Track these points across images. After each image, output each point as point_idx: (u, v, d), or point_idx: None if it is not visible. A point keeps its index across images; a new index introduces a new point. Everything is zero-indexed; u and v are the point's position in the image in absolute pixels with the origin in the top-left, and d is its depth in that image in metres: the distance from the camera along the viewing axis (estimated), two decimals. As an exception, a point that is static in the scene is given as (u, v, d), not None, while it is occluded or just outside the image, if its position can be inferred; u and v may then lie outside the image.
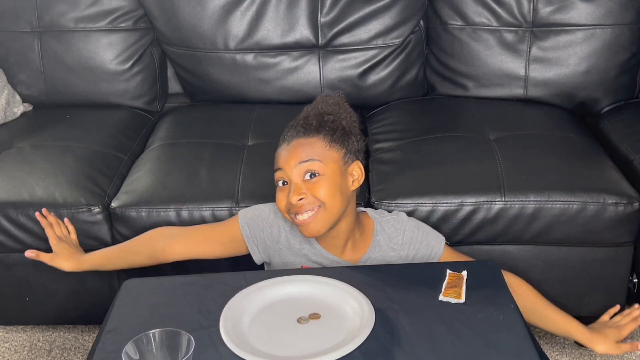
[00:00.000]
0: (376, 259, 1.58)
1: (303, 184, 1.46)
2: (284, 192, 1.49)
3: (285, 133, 1.54)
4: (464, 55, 2.31)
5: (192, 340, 1.17)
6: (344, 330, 1.27)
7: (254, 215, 1.62)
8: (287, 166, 1.48)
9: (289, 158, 1.48)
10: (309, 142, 1.49)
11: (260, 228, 1.60)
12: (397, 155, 2.02)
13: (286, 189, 1.49)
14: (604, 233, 1.84)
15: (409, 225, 1.62)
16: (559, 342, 2.10)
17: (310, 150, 1.48)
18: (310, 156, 1.47)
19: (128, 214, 1.87)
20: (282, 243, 1.59)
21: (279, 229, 1.59)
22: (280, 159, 1.50)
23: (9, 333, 2.21)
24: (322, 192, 1.46)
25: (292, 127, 1.54)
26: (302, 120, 1.53)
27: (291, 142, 1.50)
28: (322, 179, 1.47)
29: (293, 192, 1.46)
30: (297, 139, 1.50)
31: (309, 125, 1.51)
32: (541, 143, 2.04)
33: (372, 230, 1.60)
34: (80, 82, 2.38)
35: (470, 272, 1.39)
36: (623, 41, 2.24)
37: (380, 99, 2.38)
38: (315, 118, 1.52)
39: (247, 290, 1.37)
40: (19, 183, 1.93)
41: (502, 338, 1.24)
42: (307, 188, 1.46)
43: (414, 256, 1.60)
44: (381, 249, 1.58)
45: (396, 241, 1.59)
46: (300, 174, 1.47)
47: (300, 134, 1.50)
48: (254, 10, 2.29)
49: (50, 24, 2.35)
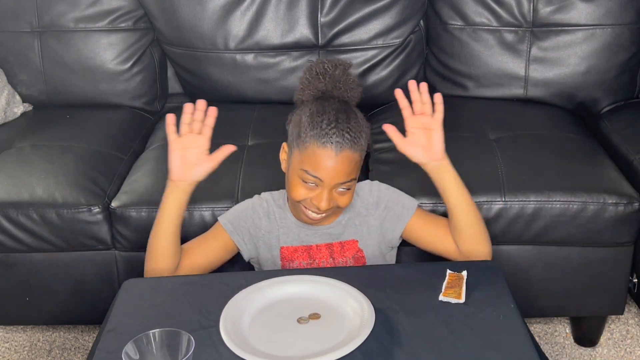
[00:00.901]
0: (350, 219, 1.59)
1: (335, 195, 1.47)
2: (308, 191, 1.47)
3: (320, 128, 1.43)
4: (464, 55, 2.31)
5: (192, 340, 1.17)
6: (344, 330, 1.27)
7: (233, 212, 1.63)
8: (327, 179, 1.44)
9: (334, 173, 1.44)
10: (354, 158, 1.45)
11: (243, 220, 1.60)
12: (397, 155, 2.01)
13: (312, 189, 1.47)
14: (604, 233, 1.84)
15: (381, 187, 1.64)
16: (559, 342, 2.10)
17: (353, 168, 1.46)
18: (351, 176, 1.46)
19: (128, 214, 1.87)
20: (263, 227, 1.60)
21: (258, 215, 1.60)
22: (322, 167, 1.43)
23: (9, 333, 2.21)
24: (346, 202, 1.49)
25: (331, 123, 1.43)
26: (345, 121, 1.44)
27: (340, 153, 1.43)
28: (349, 192, 1.49)
29: (323, 202, 1.45)
30: (345, 150, 1.43)
31: (355, 135, 1.44)
32: (541, 143, 2.04)
33: None
34: (80, 82, 2.38)
35: (470, 272, 1.39)
36: (623, 41, 2.24)
37: (380, 99, 2.38)
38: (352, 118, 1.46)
39: (247, 290, 1.37)
40: (19, 183, 1.93)
41: (502, 338, 1.24)
42: (336, 198, 1.48)
43: (386, 216, 1.59)
44: (354, 210, 1.60)
45: (368, 202, 1.60)
46: (335, 188, 1.47)
47: (347, 144, 1.43)
48: (254, 10, 2.29)
49: (50, 24, 2.35)
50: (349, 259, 1.60)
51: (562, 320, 2.18)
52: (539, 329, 2.15)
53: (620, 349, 2.07)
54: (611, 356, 2.05)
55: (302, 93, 1.56)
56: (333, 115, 1.45)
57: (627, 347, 2.08)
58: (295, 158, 1.48)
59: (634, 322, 2.16)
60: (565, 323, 2.17)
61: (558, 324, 2.17)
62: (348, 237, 1.60)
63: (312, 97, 1.53)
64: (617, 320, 2.16)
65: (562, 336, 2.12)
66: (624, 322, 2.16)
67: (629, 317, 2.18)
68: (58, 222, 1.88)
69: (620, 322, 2.16)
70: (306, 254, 1.60)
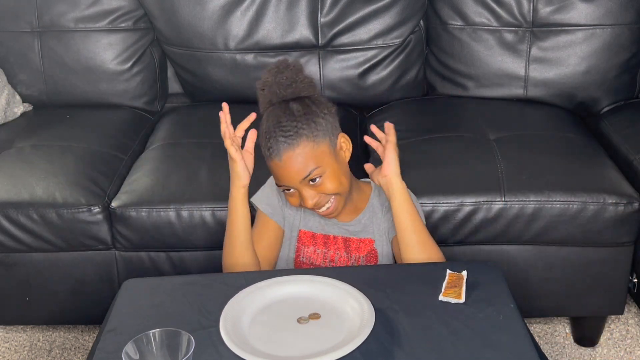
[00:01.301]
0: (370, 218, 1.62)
1: (311, 189, 1.49)
2: (294, 197, 1.52)
3: (265, 144, 1.49)
4: (464, 55, 2.31)
5: (192, 340, 1.17)
6: (344, 330, 1.27)
7: (264, 192, 1.65)
8: (291, 183, 1.49)
9: (289, 178, 1.49)
10: (298, 153, 1.47)
11: (275, 197, 1.63)
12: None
13: (295, 193, 1.51)
14: (604, 233, 1.84)
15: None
16: (559, 342, 2.10)
17: (305, 162, 1.47)
18: (308, 168, 1.47)
19: (128, 213, 1.87)
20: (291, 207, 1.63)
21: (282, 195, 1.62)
22: (281, 178, 1.50)
23: (9, 333, 2.21)
24: (330, 187, 1.50)
25: (269, 135, 1.48)
26: (274, 125, 1.48)
27: (282, 157, 1.47)
28: (325, 178, 1.49)
29: (306, 202, 1.50)
30: (286, 152, 1.46)
31: (285, 130, 1.47)
32: (541, 143, 2.04)
33: (369, 195, 1.64)
34: (80, 82, 2.38)
35: (470, 272, 1.39)
36: (623, 41, 2.24)
37: (380, 99, 2.38)
38: (285, 116, 1.48)
39: (247, 290, 1.37)
40: (19, 183, 1.93)
41: (502, 338, 1.24)
42: (316, 190, 1.49)
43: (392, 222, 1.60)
44: (373, 211, 1.63)
45: (385, 205, 1.62)
46: (306, 184, 1.49)
47: (285, 145, 1.46)
48: (254, 10, 2.29)
49: (50, 24, 2.35)
50: (362, 256, 1.62)
51: (562, 320, 2.18)
52: (539, 329, 2.15)
53: (620, 349, 2.07)
54: (611, 356, 2.05)
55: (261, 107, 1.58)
56: (266, 127, 1.50)
57: (627, 347, 2.08)
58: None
59: (634, 322, 2.16)
60: (565, 323, 2.17)
61: (558, 324, 2.17)
62: (365, 236, 1.62)
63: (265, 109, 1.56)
64: (617, 320, 2.16)
65: (562, 336, 2.12)
66: (624, 322, 2.16)
67: (629, 317, 2.18)
68: (58, 222, 1.88)
69: (620, 322, 2.16)
70: (322, 243, 1.62)
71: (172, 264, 1.93)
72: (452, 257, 1.88)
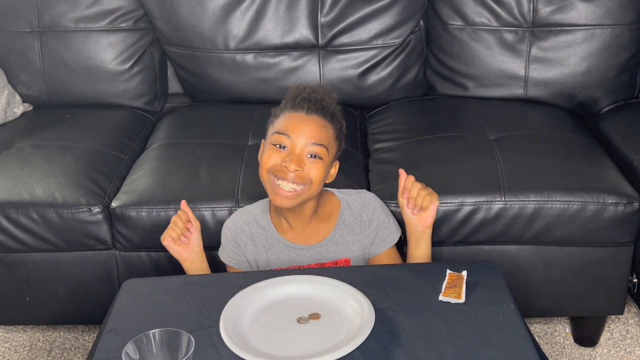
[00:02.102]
0: (342, 235, 1.61)
1: (302, 161, 1.50)
2: (279, 154, 1.51)
3: (296, 97, 1.53)
4: (464, 55, 2.31)
5: (192, 340, 1.17)
6: (344, 330, 1.27)
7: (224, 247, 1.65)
8: (297, 137, 1.49)
9: (304, 132, 1.49)
10: (326, 126, 1.51)
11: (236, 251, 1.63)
12: (397, 155, 2.02)
13: (283, 152, 1.50)
14: (604, 233, 1.84)
15: (375, 204, 1.65)
16: (559, 342, 2.10)
17: (324, 135, 1.51)
18: (322, 141, 1.50)
19: (128, 213, 1.87)
20: (250, 252, 1.63)
21: (242, 241, 1.63)
22: (292, 126, 1.50)
23: (9, 333, 2.21)
24: (315, 174, 1.51)
25: (306, 98, 1.52)
26: (318, 98, 1.53)
27: (310, 115, 1.50)
28: (321, 163, 1.51)
29: (294, 161, 1.48)
30: (316, 116, 1.50)
31: (326, 109, 1.52)
32: (541, 143, 2.04)
33: (338, 209, 1.63)
34: (80, 82, 2.38)
35: (470, 272, 1.39)
36: (623, 41, 2.24)
37: (380, 99, 2.38)
38: (330, 105, 1.54)
39: (247, 290, 1.37)
40: (19, 183, 1.93)
41: (502, 338, 1.24)
42: (304, 162, 1.50)
43: (376, 235, 1.62)
44: (347, 226, 1.61)
45: (362, 218, 1.62)
46: (306, 151, 1.50)
47: (319, 112, 1.51)
48: (254, 10, 2.29)
49: (50, 24, 2.35)
50: None
51: (562, 320, 2.18)
52: (539, 329, 2.15)
53: (620, 349, 2.07)
54: (611, 356, 2.05)
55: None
56: (306, 94, 1.53)
57: (627, 347, 2.08)
58: (269, 133, 1.55)
59: (634, 322, 2.16)
60: (565, 323, 2.17)
61: (558, 324, 2.17)
62: (340, 256, 1.61)
63: None
64: (617, 320, 2.16)
65: (562, 336, 2.12)
66: (624, 322, 2.16)
67: (629, 317, 2.18)
68: (58, 222, 1.88)
69: (620, 322, 2.16)
70: None
71: (172, 264, 1.92)
72: (452, 257, 1.88)
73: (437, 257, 1.88)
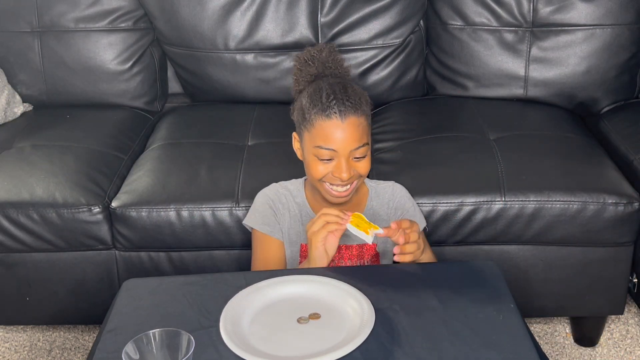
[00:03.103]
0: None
1: (351, 164, 1.49)
2: (327, 166, 1.50)
3: (326, 102, 1.47)
4: (464, 55, 2.31)
5: (192, 340, 1.17)
6: (344, 330, 1.27)
7: (257, 212, 1.63)
8: (341, 148, 1.47)
9: (346, 141, 1.47)
10: (360, 123, 1.49)
11: (270, 215, 1.62)
12: (397, 155, 2.02)
13: (330, 164, 1.49)
14: (604, 233, 1.85)
15: (403, 193, 1.67)
16: (559, 342, 2.10)
17: (362, 133, 1.49)
18: (363, 141, 1.49)
19: (128, 213, 1.87)
20: (286, 222, 1.62)
21: (279, 210, 1.61)
22: (333, 138, 1.47)
23: (9, 333, 2.21)
24: (364, 169, 1.51)
25: (333, 96, 1.47)
26: (342, 90, 1.49)
27: (345, 120, 1.46)
28: (366, 159, 1.51)
29: (344, 171, 1.47)
30: (349, 117, 1.47)
31: (355, 101, 1.48)
32: (541, 143, 2.04)
33: (366, 197, 1.64)
34: (80, 82, 2.38)
35: (470, 272, 1.39)
36: (623, 41, 2.24)
37: (380, 99, 2.38)
38: (351, 87, 1.51)
39: (247, 290, 1.37)
40: (19, 183, 1.93)
41: (502, 338, 1.24)
42: (353, 165, 1.50)
43: None
44: (374, 213, 1.62)
45: (390, 206, 1.63)
46: (352, 156, 1.49)
47: (350, 110, 1.47)
48: (254, 10, 2.29)
49: (50, 24, 2.35)
50: (366, 262, 1.61)
51: (562, 320, 2.18)
52: (539, 329, 2.15)
53: (620, 349, 2.07)
54: (611, 356, 2.05)
55: (298, 83, 1.60)
56: (330, 89, 1.49)
57: (627, 347, 2.08)
58: (307, 140, 1.51)
59: (634, 322, 2.16)
60: (565, 323, 2.17)
61: (558, 324, 2.17)
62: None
63: (307, 82, 1.57)
64: (617, 320, 2.16)
65: (562, 336, 2.12)
66: (624, 322, 2.16)
67: (629, 317, 2.18)
68: (58, 222, 1.88)
69: (620, 322, 2.16)
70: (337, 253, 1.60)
71: (172, 264, 1.93)
72: (452, 257, 1.88)
73: (437, 257, 1.88)
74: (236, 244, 1.88)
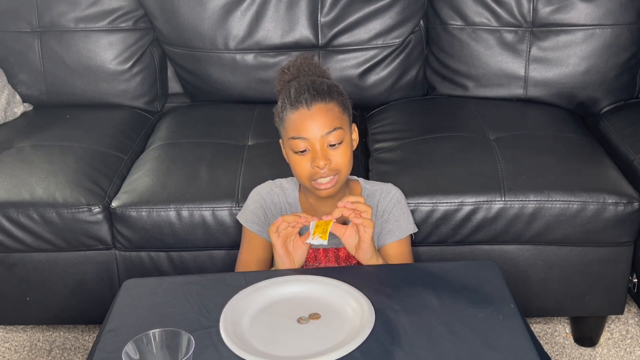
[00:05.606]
0: None
1: (326, 152, 1.48)
2: (306, 159, 1.49)
3: (294, 96, 1.49)
4: (464, 55, 2.31)
5: (192, 340, 1.17)
6: (344, 330, 1.27)
7: (249, 210, 1.64)
8: (312, 136, 1.47)
9: (314, 127, 1.47)
10: (330, 108, 1.48)
11: (261, 215, 1.62)
12: (397, 155, 2.02)
13: (307, 155, 1.49)
14: (604, 233, 1.85)
15: (391, 196, 1.63)
16: (559, 342, 2.10)
17: (333, 118, 1.48)
18: (334, 125, 1.48)
19: (128, 213, 1.87)
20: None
21: (270, 210, 1.62)
22: (302, 126, 1.47)
23: (9, 333, 2.21)
24: (340, 161, 1.49)
25: (299, 90, 1.49)
26: (310, 83, 1.50)
27: (312, 107, 1.47)
28: (342, 147, 1.50)
29: (321, 159, 1.47)
30: (317, 104, 1.47)
31: (322, 90, 1.49)
32: (541, 143, 2.04)
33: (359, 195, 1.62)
34: (80, 82, 2.38)
35: (469, 272, 1.39)
36: (623, 41, 2.24)
37: (380, 99, 2.38)
38: (320, 79, 1.52)
39: (247, 290, 1.37)
40: (19, 183, 1.93)
41: (502, 338, 1.24)
42: (329, 154, 1.48)
43: (382, 229, 1.60)
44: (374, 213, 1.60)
45: (377, 208, 1.61)
46: (325, 143, 1.48)
47: (318, 98, 1.48)
48: (254, 10, 2.29)
49: (50, 24, 2.35)
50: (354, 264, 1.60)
51: (562, 320, 2.18)
52: (539, 329, 2.15)
53: (620, 349, 2.07)
54: (611, 356, 2.05)
55: (278, 93, 1.59)
56: (297, 85, 1.51)
57: (627, 347, 2.08)
58: (284, 139, 1.53)
59: (634, 322, 2.16)
60: (565, 323, 2.17)
61: (558, 324, 2.17)
62: None
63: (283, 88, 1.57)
64: (617, 320, 2.16)
65: (562, 336, 2.12)
66: (624, 322, 2.16)
67: (629, 317, 2.18)
68: (58, 222, 1.88)
69: (620, 322, 2.16)
70: (312, 257, 1.61)
71: (172, 264, 1.93)
72: (452, 257, 1.88)
73: (438, 257, 1.89)
74: (236, 244, 1.87)
